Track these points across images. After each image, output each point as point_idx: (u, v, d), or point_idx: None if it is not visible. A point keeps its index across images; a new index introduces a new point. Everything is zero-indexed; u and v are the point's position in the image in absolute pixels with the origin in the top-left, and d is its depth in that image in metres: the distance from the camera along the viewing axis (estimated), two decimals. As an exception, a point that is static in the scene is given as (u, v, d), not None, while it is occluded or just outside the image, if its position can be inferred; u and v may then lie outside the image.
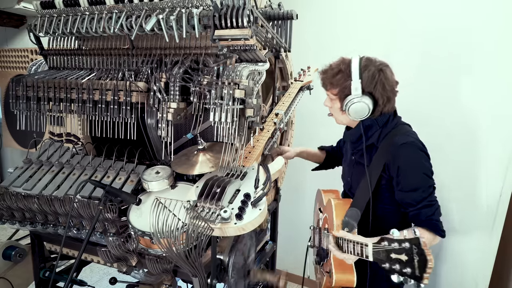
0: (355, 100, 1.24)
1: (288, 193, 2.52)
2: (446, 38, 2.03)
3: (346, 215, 1.28)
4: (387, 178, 1.30)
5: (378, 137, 1.31)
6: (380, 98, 1.25)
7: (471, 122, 2.03)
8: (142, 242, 1.20)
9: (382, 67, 1.26)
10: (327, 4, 2.34)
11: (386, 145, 1.28)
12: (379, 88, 1.24)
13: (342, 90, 1.27)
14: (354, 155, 1.43)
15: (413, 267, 0.93)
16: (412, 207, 1.24)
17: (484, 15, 1.92)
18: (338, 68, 1.28)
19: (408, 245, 0.95)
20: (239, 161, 1.28)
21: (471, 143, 2.05)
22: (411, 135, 1.29)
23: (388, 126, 1.31)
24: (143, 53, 1.35)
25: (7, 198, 1.33)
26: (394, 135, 1.28)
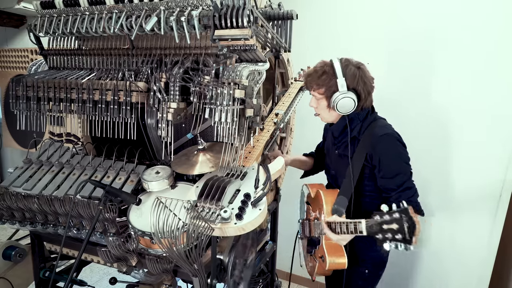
0: (342, 96, 1.35)
1: (288, 193, 2.51)
2: (446, 37, 2.03)
3: (335, 202, 1.40)
4: (370, 167, 1.41)
5: (359, 130, 1.44)
6: (362, 93, 1.38)
7: (471, 122, 2.03)
8: (142, 242, 1.20)
9: (360, 65, 1.40)
10: (327, 4, 2.34)
11: (367, 137, 1.40)
12: (361, 84, 1.37)
13: (328, 89, 1.38)
14: (338, 149, 1.53)
15: (403, 232, 1.07)
16: (394, 192, 1.36)
17: (484, 15, 1.92)
18: (322, 69, 1.39)
19: (398, 215, 1.09)
20: (239, 161, 1.28)
21: (471, 143, 2.05)
22: (388, 128, 1.41)
23: (367, 120, 1.44)
24: (143, 53, 1.34)
25: (7, 198, 1.33)
26: (373, 128, 1.41)
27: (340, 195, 1.41)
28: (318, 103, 1.46)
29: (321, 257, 1.45)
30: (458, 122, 2.07)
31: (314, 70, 1.42)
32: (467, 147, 2.06)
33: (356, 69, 1.37)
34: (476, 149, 2.04)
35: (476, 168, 2.05)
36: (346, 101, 1.35)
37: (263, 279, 1.83)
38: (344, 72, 1.35)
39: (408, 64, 2.13)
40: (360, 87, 1.37)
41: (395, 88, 2.15)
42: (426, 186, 2.04)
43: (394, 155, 1.37)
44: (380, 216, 1.13)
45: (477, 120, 2.02)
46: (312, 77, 1.42)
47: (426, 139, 2.11)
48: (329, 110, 1.43)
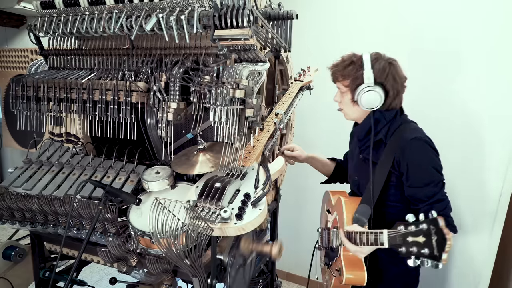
0: (367, 89, 1.25)
1: (288, 193, 2.52)
2: (446, 37, 2.03)
3: (357, 211, 1.29)
4: (397, 175, 1.30)
5: (386, 133, 1.32)
6: (391, 90, 1.27)
7: (471, 122, 2.03)
8: (142, 242, 1.20)
9: (392, 61, 1.30)
10: (327, 4, 2.34)
11: (395, 141, 1.28)
12: (390, 80, 1.26)
13: (353, 81, 1.28)
14: (362, 153, 1.41)
15: (431, 247, 0.93)
16: (423, 203, 1.24)
17: (484, 13, 1.92)
18: (349, 60, 1.30)
19: (425, 226, 0.96)
20: (239, 161, 1.28)
21: (471, 143, 2.05)
22: (419, 131, 1.30)
23: (396, 122, 1.32)
24: (143, 53, 1.34)
25: (7, 198, 1.33)
26: (403, 131, 1.29)
27: (362, 203, 1.30)
28: (342, 97, 1.37)
29: (338, 270, 1.35)
30: (458, 122, 2.07)
31: (341, 60, 1.33)
32: (466, 146, 2.06)
33: (387, 64, 1.27)
34: (475, 148, 2.04)
35: (476, 168, 2.05)
36: (371, 95, 1.24)
37: (263, 279, 1.83)
38: (373, 64, 1.25)
39: (408, 64, 2.13)
40: (389, 82, 1.26)
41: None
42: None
43: (425, 161, 1.24)
44: (405, 226, 1.01)
45: (477, 120, 2.02)
46: (338, 68, 1.33)
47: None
48: (353, 105, 1.33)
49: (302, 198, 2.69)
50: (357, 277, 1.29)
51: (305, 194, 2.66)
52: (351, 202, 1.37)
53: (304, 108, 2.13)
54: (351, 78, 1.29)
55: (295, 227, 2.74)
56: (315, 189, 1.90)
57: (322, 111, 2.45)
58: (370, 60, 1.26)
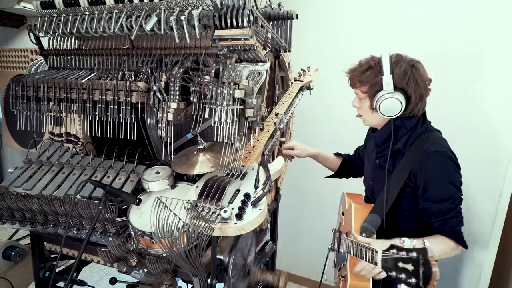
0: (386, 96, 1.18)
1: (288, 193, 2.52)
2: (446, 37, 2.03)
3: (366, 220, 1.26)
4: (413, 187, 1.25)
5: (406, 142, 1.26)
6: (413, 95, 1.19)
7: (471, 122, 2.03)
8: (142, 242, 1.20)
9: (414, 63, 1.22)
10: (327, 4, 2.34)
11: (414, 152, 1.22)
12: (412, 84, 1.19)
13: (372, 87, 1.22)
14: (379, 159, 1.37)
15: (418, 277, 0.91)
16: (437, 218, 1.21)
17: (483, 14, 1.92)
18: (367, 64, 1.23)
19: (415, 255, 0.93)
20: (239, 161, 1.28)
21: (471, 143, 2.05)
22: (441, 143, 1.23)
23: (417, 131, 1.26)
24: (143, 53, 1.34)
25: (7, 198, 1.33)
26: (423, 142, 1.22)
27: (372, 212, 1.27)
28: (361, 103, 1.30)
29: (344, 277, 1.33)
30: (457, 122, 2.07)
31: (358, 64, 1.26)
32: (466, 146, 2.06)
33: (409, 67, 1.19)
34: (475, 148, 2.04)
35: (476, 167, 2.05)
36: (391, 102, 1.17)
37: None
38: (393, 69, 1.17)
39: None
40: (410, 88, 1.18)
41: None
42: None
43: (445, 177, 1.18)
44: (397, 251, 0.98)
45: (477, 120, 2.02)
46: (355, 73, 1.26)
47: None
48: (372, 112, 1.26)
49: (302, 198, 2.69)
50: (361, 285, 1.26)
51: (305, 194, 2.66)
52: (362, 209, 1.34)
53: (304, 108, 2.13)
54: (369, 84, 1.22)
55: (295, 227, 2.74)
56: (315, 189, 1.91)
57: (322, 111, 2.45)
58: (389, 63, 1.18)
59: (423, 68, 1.23)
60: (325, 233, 1.89)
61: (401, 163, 1.25)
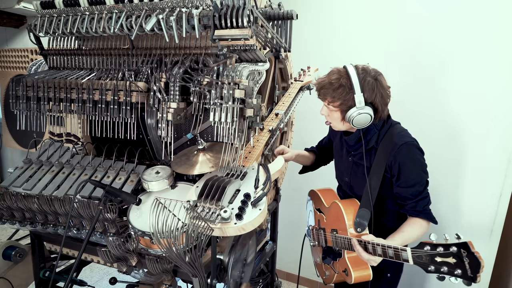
0: (359, 111, 1.29)
1: (288, 193, 2.51)
2: (446, 37, 2.03)
3: (358, 216, 1.36)
4: (389, 177, 1.39)
5: (377, 139, 1.41)
6: (380, 106, 1.33)
7: (471, 122, 2.03)
8: (142, 242, 1.20)
9: (377, 76, 1.33)
10: (327, 4, 2.34)
11: (386, 146, 1.36)
12: (378, 98, 1.31)
13: (344, 103, 1.31)
14: (353, 157, 1.49)
15: (464, 268, 0.99)
16: (410, 200, 1.35)
17: (483, 14, 1.92)
18: (338, 82, 1.31)
19: (455, 249, 1.01)
20: (239, 161, 1.28)
21: (471, 143, 2.05)
22: (406, 135, 1.38)
23: (384, 128, 1.41)
24: (143, 53, 1.34)
25: (7, 198, 1.33)
26: (391, 136, 1.37)
27: (362, 207, 1.36)
28: (330, 113, 1.39)
29: (344, 271, 1.42)
30: (458, 122, 2.07)
31: (329, 82, 1.33)
32: (466, 146, 2.06)
33: (374, 81, 1.30)
34: (475, 148, 2.04)
35: (476, 167, 2.05)
36: (362, 117, 1.30)
37: (263, 279, 1.83)
38: (362, 86, 1.28)
39: (408, 64, 2.13)
40: (378, 100, 1.31)
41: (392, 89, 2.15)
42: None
43: (414, 164, 1.34)
44: (432, 247, 1.06)
45: (477, 119, 2.02)
46: (326, 90, 1.34)
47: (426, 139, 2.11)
48: (343, 123, 1.38)
49: (302, 198, 2.68)
50: (364, 274, 1.37)
51: (305, 194, 2.66)
52: (349, 206, 1.43)
53: (304, 108, 2.13)
54: (341, 100, 1.32)
55: (295, 227, 2.73)
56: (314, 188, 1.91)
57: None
58: (358, 80, 1.28)
59: (384, 79, 1.35)
60: (325, 233, 1.89)
61: (376, 158, 1.38)
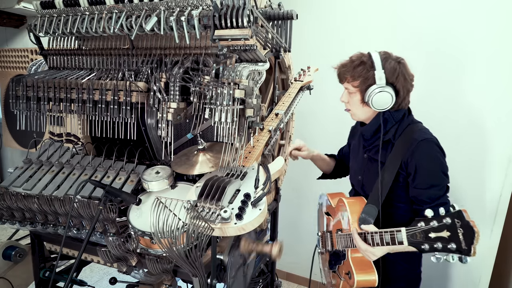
0: (379, 90, 1.23)
1: (288, 193, 2.52)
2: (446, 36, 2.03)
3: (363, 211, 1.28)
4: (404, 176, 1.29)
5: (395, 133, 1.31)
6: (401, 90, 1.26)
7: (471, 122, 2.03)
8: (142, 242, 1.20)
9: (400, 60, 1.28)
10: (327, 4, 2.34)
11: (404, 142, 1.27)
12: (401, 79, 1.25)
13: (364, 81, 1.26)
14: (368, 152, 1.40)
15: (458, 241, 0.90)
16: (427, 205, 1.22)
17: (485, 14, 1.92)
18: (359, 60, 1.27)
19: (449, 220, 0.93)
20: (239, 161, 1.28)
21: (471, 143, 2.05)
22: (427, 132, 1.29)
23: (404, 122, 1.31)
24: (143, 53, 1.34)
25: (7, 198, 1.33)
26: (411, 132, 1.28)
27: (369, 204, 1.29)
28: (350, 97, 1.34)
29: (348, 274, 1.33)
30: (457, 122, 2.07)
31: (350, 60, 1.30)
32: (466, 146, 2.06)
33: (397, 63, 1.25)
34: (475, 149, 2.04)
35: (476, 168, 2.05)
36: (383, 95, 1.22)
37: (263, 279, 1.83)
38: (383, 65, 1.23)
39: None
40: (399, 83, 1.24)
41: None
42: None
43: (434, 164, 1.23)
44: (426, 222, 0.97)
45: (477, 119, 2.02)
46: (347, 68, 1.29)
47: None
48: (362, 106, 1.31)
49: (302, 198, 2.69)
50: (368, 279, 1.28)
51: (305, 194, 2.66)
52: (355, 202, 1.37)
53: (304, 109, 2.13)
54: (361, 78, 1.26)
55: (295, 227, 2.74)
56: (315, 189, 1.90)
57: (321, 111, 2.45)
58: (380, 59, 1.24)
59: (408, 65, 1.29)
60: (325, 233, 1.89)
61: (392, 153, 1.29)
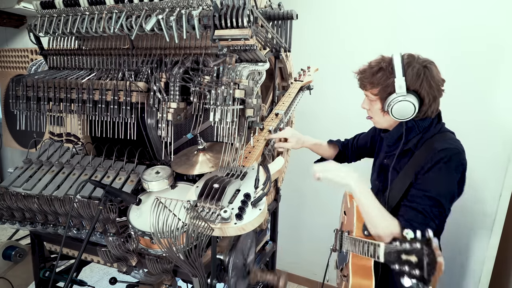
0: (399, 99, 1.14)
1: (288, 193, 2.51)
2: (446, 37, 2.03)
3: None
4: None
5: (417, 142, 1.21)
6: (426, 97, 1.15)
7: (471, 122, 2.03)
8: (142, 242, 1.20)
9: (427, 64, 1.16)
10: (327, 4, 2.34)
11: (423, 152, 1.17)
12: (425, 86, 1.14)
13: (384, 89, 1.17)
14: (387, 159, 1.32)
15: (422, 268, 0.88)
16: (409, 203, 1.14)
17: (483, 13, 1.92)
18: (378, 66, 1.18)
19: (418, 246, 0.90)
20: (239, 161, 1.28)
21: (470, 143, 2.04)
22: (453, 143, 1.16)
23: (430, 132, 1.21)
24: (143, 53, 1.34)
25: (7, 198, 1.33)
26: (433, 141, 1.17)
27: None
28: (371, 105, 1.25)
29: (346, 276, 1.30)
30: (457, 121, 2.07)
31: (368, 66, 1.21)
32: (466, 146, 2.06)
33: (422, 68, 1.14)
34: (475, 149, 2.04)
35: (476, 168, 2.05)
36: (403, 105, 1.13)
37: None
38: (405, 70, 1.13)
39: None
40: (424, 89, 1.13)
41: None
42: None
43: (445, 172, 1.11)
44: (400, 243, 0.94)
45: (477, 119, 2.02)
46: (365, 74, 1.21)
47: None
48: (383, 115, 1.22)
49: (302, 198, 2.69)
50: (363, 284, 1.24)
51: (305, 194, 2.66)
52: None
53: (304, 108, 2.13)
54: (380, 86, 1.17)
55: (295, 227, 2.74)
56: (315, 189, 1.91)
57: (322, 111, 2.45)
58: (401, 64, 1.13)
59: (436, 69, 1.18)
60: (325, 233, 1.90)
61: (409, 163, 1.20)
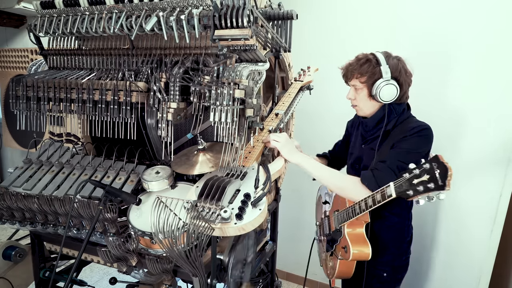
0: (386, 83, 1.35)
1: (288, 193, 2.52)
2: (446, 37, 2.03)
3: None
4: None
5: (394, 124, 1.43)
6: (404, 83, 1.39)
7: (471, 122, 2.03)
8: (142, 242, 1.20)
9: (400, 58, 1.43)
10: (327, 4, 2.34)
11: (399, 130, 1.39)
12: (403, 73, 1.38)
13: (371, 76, 1.38)
14: (366, 143, 1.51)
15: (436, 180, 1.02)
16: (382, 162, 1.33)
17: (483, 14, 1.92)
18: (365, 58, 1.41)
19: (428, 165, 1.05)
20: (239, 161, 1.28)
21: (471, 143, 2.05)
22: (424, 123, 1.39)
23: (403, 115, 1.44)
24: (143, 53, 1.34)
25: (7, 198, 1.33)
26: (408, 122, 1.40)
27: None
28: (357, 94, 1.45)
29: (344, 248, 1.43)
30: (457, 121, 2.07)
31: (356, 59, 1.44)
32: (466, 146, 2.06)
33: (397, 60, 1.40)
34: (475, 149, 2.04)
35: (476, 168, 2.05)
36: (389, 88, 1.35)
37: (263, 279, 1.83)
38: (387, 61, 1.37)
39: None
40: (402, 77, 1.38)
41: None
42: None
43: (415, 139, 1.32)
44: (409, 172, 1.10)
45: (476, 120, 2.02)
46: (353, 66, 1.42)
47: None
48: (370, 100, 1.43)
49: (302, 198, 2.69)
50: (362, 252, 1.37)
51: (305, 194, 2.66)
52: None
53: (304, 109, 2.13)
54: (368, 74, 1.38)
55: (295, 227, 2.74)
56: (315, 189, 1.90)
57: (322, 111, 2.45)
58: (383, 57, 1.38)
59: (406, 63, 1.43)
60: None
61: (386, 141, 1.41)
